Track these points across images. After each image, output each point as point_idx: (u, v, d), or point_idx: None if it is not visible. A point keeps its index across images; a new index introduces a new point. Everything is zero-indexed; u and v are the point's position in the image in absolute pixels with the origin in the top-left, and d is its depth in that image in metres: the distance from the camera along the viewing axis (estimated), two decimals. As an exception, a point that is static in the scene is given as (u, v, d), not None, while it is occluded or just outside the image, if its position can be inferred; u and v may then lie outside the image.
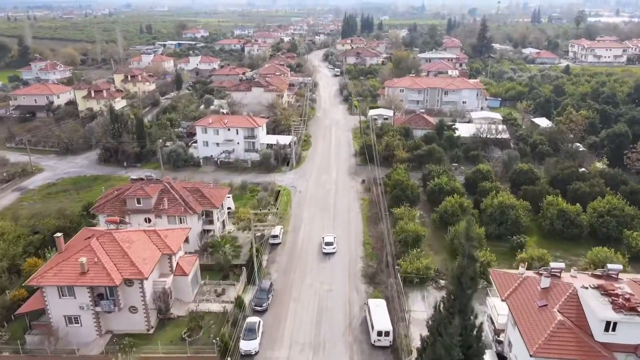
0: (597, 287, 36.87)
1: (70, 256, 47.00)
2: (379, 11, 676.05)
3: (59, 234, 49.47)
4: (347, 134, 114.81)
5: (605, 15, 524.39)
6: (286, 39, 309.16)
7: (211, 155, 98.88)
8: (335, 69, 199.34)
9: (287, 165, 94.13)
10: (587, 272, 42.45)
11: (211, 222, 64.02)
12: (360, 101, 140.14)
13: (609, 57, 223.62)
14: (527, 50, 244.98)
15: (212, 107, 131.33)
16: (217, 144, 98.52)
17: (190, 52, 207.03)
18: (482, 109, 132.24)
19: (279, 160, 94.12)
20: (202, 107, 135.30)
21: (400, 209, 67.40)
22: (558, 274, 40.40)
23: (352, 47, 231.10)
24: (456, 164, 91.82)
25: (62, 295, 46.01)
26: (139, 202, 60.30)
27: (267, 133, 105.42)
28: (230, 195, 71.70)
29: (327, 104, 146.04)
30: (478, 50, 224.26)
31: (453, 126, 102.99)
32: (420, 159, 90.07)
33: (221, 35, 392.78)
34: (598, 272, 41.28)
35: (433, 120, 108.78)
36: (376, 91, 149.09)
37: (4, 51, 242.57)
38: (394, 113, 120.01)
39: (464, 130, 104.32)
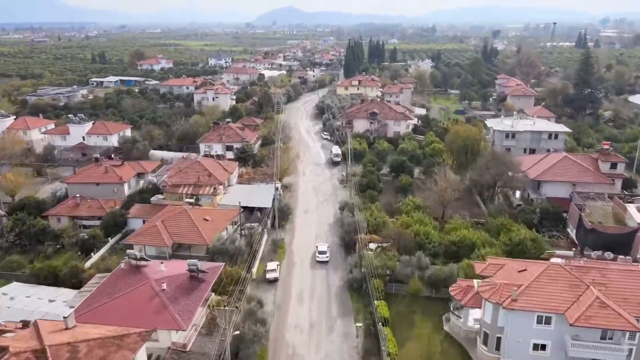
0: None
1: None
2: (385, 33, 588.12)
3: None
4: None
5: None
6: (267, 74, 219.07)
7: None
8: (334, 148, 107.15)
9: None
10: None
11: None
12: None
13: None
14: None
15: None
16: None
17: (72, 116, 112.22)
18: None
19: None
20: None
21: None
22: None
23: (363, 100, 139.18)
24: None
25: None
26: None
27: None
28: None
29: (304, 311, 52.88)
30: (576, 104, 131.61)
31: None
32: None
33: (190, 66, 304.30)
34: None
35: None
36: (433, 260, 56.20)
37: None
38: None
39: None
